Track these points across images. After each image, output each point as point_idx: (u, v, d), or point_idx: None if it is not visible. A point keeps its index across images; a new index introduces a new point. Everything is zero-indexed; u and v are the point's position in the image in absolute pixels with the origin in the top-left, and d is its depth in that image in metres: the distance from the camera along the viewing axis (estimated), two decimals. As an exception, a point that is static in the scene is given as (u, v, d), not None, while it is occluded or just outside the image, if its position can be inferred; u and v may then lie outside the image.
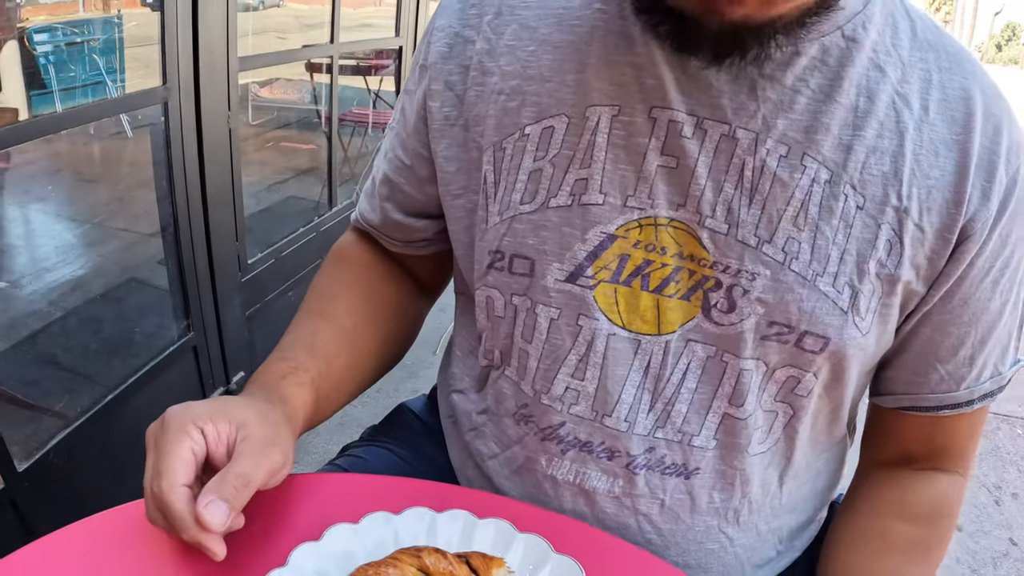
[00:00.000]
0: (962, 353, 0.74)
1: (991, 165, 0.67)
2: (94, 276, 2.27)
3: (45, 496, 1.42)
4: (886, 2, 0.70)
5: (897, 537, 0.79)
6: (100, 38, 2.12)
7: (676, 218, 0.68)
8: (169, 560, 0.62)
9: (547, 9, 0.74)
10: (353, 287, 0.88)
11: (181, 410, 0.63)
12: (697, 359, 0.71)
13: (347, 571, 0.57)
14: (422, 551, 0.58)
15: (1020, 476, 3.18)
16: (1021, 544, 2.71)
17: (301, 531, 0.63)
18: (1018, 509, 2.93)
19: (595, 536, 0.69)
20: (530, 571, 0.61)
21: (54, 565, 0.61)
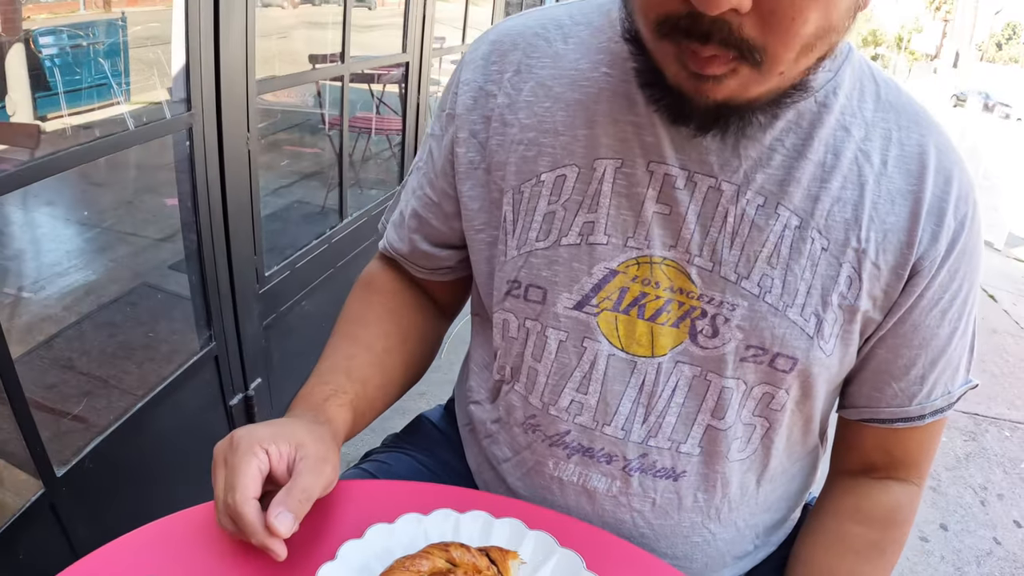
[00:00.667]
0: (913, 372, 0.84)
1: (941, 212, 0.78)
2: (121, 289, 2.34)
3: (82, 501, 1.49)
4: (855, 68, 0.81)
5: (854, 539, 0.89)
6: (104, 40, 2.15)
7: (668, 257, 0.80)
8: (230, 560, 0.71)
9: (561, 70, 0.84)
10: (383, 315, 0.97)
11: (247, 432, 0.71)
12: (685, 378, 0.82)
13: (386, 564, 0.68)
14: (449, 546, 0.69)
15: (1007, 477, 3.25)
16: (1005, 543, 2.78)
17: (345, 530, 0.74)
18: (1003, 510, 3.00)
19: (594, 533, 0.80)
20: (539, 562, 0.72)
21: (130, 563, 0.70)
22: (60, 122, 2.07)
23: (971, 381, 0.90)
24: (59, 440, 1.49)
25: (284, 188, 3.93)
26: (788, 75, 0.67)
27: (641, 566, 0.77)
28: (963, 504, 2.97)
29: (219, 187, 1.75)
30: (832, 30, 0.63)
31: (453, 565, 0.67)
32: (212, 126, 1.69)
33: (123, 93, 2.15)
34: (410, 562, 0.67)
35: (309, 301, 2.38)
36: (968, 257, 0.81)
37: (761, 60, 0.63)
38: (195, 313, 1.88)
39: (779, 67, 0.64)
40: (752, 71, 0.64)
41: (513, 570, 0.69)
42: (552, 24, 0.88)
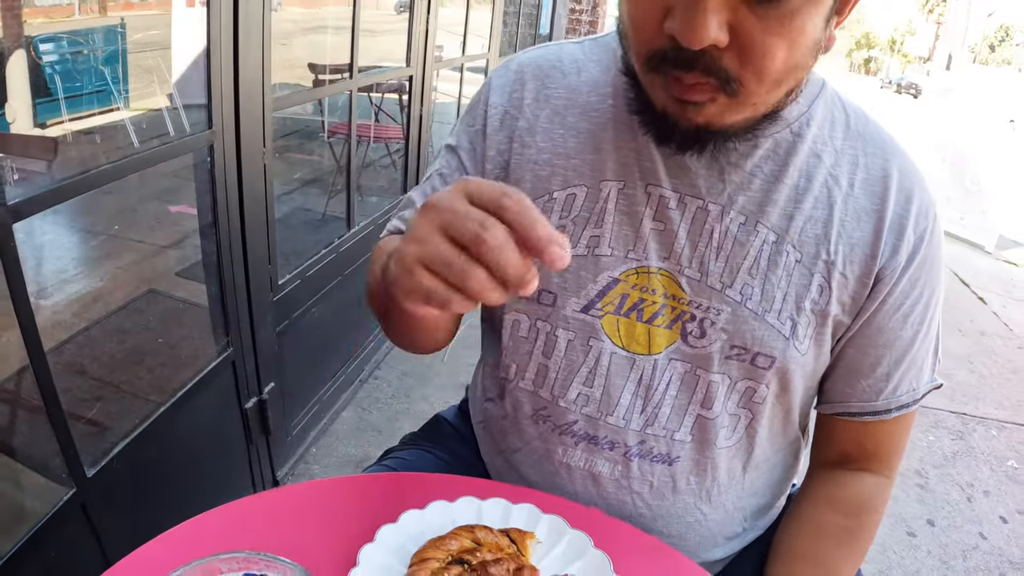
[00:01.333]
0: (880, 370, 0.95)
1: (901, 227, 0.89)
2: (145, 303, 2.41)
3: (111, 501, 1.56)
4: (827, 101, 0.93)
5: (828, 525, 0.98)
6: (104, 47, 2.19)
7: (663, 268, 0.91)
8: (279, 546, 0.79)
9: (573, 100, 0.96)
10: None
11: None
12: (677, 373, 0.93)
13: (419, 544, 0.78)
14: (475, 528, 0.79)
15: (992, 475, 3.33)
16: (991, 538, 2.86)
17: (379, 517, 0.82)
18: (989, 506, 3.07)
19: (599, 517, 0.90)
20: (553, 541, 0.82)
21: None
22: (60, 128, 2.11)
23: (935, 380, 1.00)
24: (87, 442, 1.54)
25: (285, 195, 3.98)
26: (760, 106, 0.78)
27: (642, 545, 0.87)
28: (950, 501, 3.05)
29: (237, 200, 1.83)
30: (796, 67, 0.73)
31: (478, 544, 0.77)
32: (232, 142, 1.77)
33: (123, 100, 2.20)
34: (440, 542, 0.76)
35: (319, 308, 2.45)
36: (928, 266, 0.92)
37: (736, 90, 0.73)
38: (212, 320, 1.96)
39: (752, 98, 0.75)
40: (729, 100, 0.74)
41: (531, 548, 0.79)
42: (568, 59, 0.99)
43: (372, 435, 2.66)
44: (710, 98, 0.74)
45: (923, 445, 3.45)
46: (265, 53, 1.83)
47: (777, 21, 0.68)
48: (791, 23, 0.68)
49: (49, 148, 2.13)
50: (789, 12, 0.68)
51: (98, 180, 1.41)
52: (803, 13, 0.68)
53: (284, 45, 3.86)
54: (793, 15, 0.68)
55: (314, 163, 4.38)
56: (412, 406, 2.82)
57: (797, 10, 0.68)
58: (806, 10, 0.68)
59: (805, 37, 0.70)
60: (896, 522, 2.84)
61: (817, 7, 0.69)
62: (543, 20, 6.64)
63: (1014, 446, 3.64)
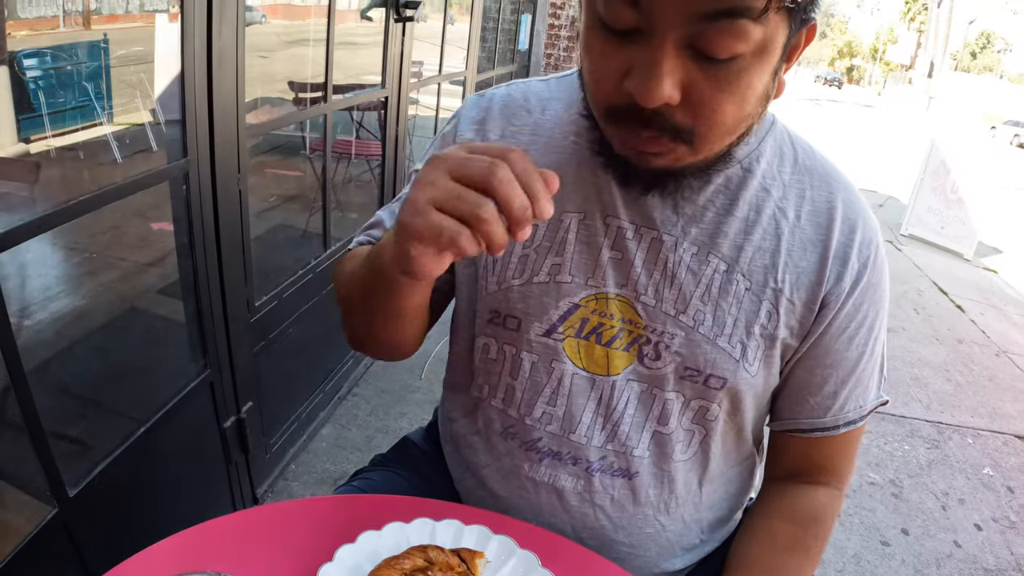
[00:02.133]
0: (827, 389, 1.00)
1: (845, 256, 0.95)
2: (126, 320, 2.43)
3: (93, 520, 1.58)
4: (776, 138, 0.99)
5: (780, 535, 1.03)
6: (87, 62, 2.14)
7: (620, 294, 0.96)
8: (243, 569, 0.83)
9: (538, 137, 1.01)
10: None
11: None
12: (635, 393, 0.98)
13: (375, 563, 0.82)
14: (427, 548, 0.83)
15: (968, 483, 3.36)
16: (965, 546, 2.89)
17: (340, 538, 0.86)
18: (964, 514, 3.11)
19: (548, 537, 0.94)
20: (502, 561, 0.86)
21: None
22: (44, 144, 2.06)
23: (881, 396, 1.05)
24: (69, 461, 1.55)
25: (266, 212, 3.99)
26: (714, 150, 0.83)
27: (589, 565, 0.91)
28: (924, 509, 3.09)
29: (213, 225, 1.86)
30: (747, 116, 0.79)
31: (430, 563, 0.81)
32: (207, 170, 1.80)
33: (106, 115, 2.18)
34: (395, 561, 0.80)
35: (295, 329, 2.48)
36: (872, 291, 0.97)
37: (692, 140, 0.79)
38: (191, 341, 1.99)
39: (707, 145, 0.80)
40: (685, 148, 0.80)
41: (480, 567, 0.83)
42: (534, 97, 1.05)
43: (351, 452, 2.68)
44: (668, 149, 0.80)
45: (898, 455, 3.49)
46: (240, 81, 1.87)
47: (726, 79, 0.73)
48: (739, 80, 0.74)
49: (31, 172, 2.15)
50: (737, 70, 0.73)
51: (78, 210, 1.43)
52: (751, 71, 0.74)
53: (266, 59, 3.86)
54: (741, 73, 0.73)
55: (296, 180, 4.38)
56: (390, 423, 2.84)
57: (745, 68, 0.73)
58: (754, 68, 0.74)
59: (752, 91, 0.76)
60: (870, 531, 2.87)
61: (764, 63, 0.74)
62: (522, 36, 6.69)
63: (990, 453, 3.68)
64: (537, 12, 6.91)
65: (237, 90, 1.86)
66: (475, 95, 1.09)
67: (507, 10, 6.39)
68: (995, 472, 3.53)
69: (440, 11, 4.08)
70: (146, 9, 2.06)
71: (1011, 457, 3.71)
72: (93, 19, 2.11)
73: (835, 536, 2.77)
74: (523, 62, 6.96)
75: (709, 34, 0.70)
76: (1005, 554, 2.91)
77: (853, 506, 3.02)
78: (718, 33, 0.70)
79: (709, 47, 0.71)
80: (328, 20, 2.47)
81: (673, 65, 0.72)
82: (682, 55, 0.72)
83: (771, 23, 0.71)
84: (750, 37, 0.70)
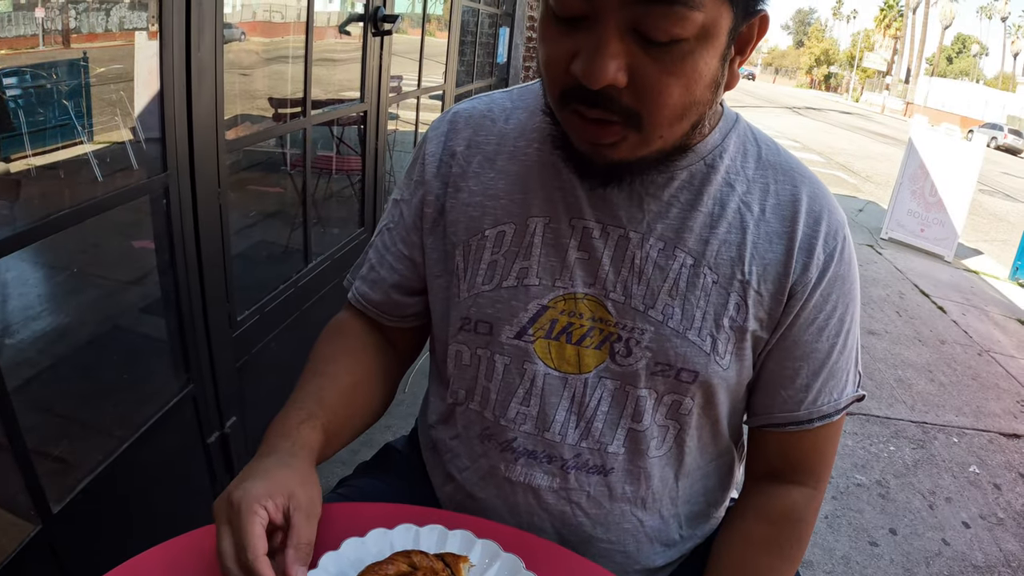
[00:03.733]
0: (798, 382, 1.01)
1: (811, 247, 0.96)
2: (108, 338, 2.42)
3: (78, 538, 1.56)
4: (740, 134, 1.01)
5: (756, 534, 1.03)
6: (67, 81, 2.16)
7: (589, 293, 0.97)
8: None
9: (502, 146, 1.04)
10: (349, 354, 1.11)
11: (244, 492, 0.81)
12: (608, 390, 0.99)
13: (359, 570, 0.81)
14: (411, 553, 0.83)
15: (954, 481, 3.39)
16: (953, 544, 2.91)
17: (325, 545, 0.86)
18: (951, 512, 3.13)
19: (532, 540, 0.95)
20: (486, 565, 0.86)
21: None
22: (24, 163, 2.08)
23: (858, 392, 1.06)
24: (52, 479, 1.54)
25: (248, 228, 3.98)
26: (668, 139, 0.85)
27: (573, 568, 0.91)
28: (912, 509, 3.11)
29: (193, 240, 1.86)
30: (695, 103, 0.82)
31: (414, 568, 0.81)
32: (187, 184, 1.80)
33: (86, 133, 2.19)
34: (379, 567, 0.80)
35: (277, 343, 2.48)
36: (840, 283, 0.99)
37: (641, 125, 0.81)
38: (173, 357, 1.97)
39: (657, 131, 0.83)
40: (637, 135, 0.82)
41: (464, 572, 0.83)
42: (498, 108, 1.08)
43: (335, 465, 2.63)
44: (621, 137, 0.83)
45: (884, 456, 3.51)
46: (219, 97, 1.87)
47: (671, 63, 0.77)
48: (683, 64, 0.77)
49: (11, 190, 2.14)
50: (682, 54, 0.76)
51: (57, 225, 1.43)
52: (696, 55, 0.77)
53: (247, 76, 3.86)
54: (685, 56, 0.76)
55: (277, 196, 4.37)
56: (375, 435, 2.81)
57: (690, 52, 0.76)
58: (699, 52, 0.77)
59: (699, 75, 0.79)
60: (858, 533, 2.89)
61: (710, 49, 0.77)
62: (500, 49, 6.72)
63: (975, 452, 3.72)
64: (515, 25, 6.95)
65: (216, 106, 1.87)
66: (442, 113, 1.13)
67: (485, 24, 6.42)
68: (981, 470, 3.56)
69: (418, 25, 4.09)
70: (125, 27, 2.06)
71: (996, 454, 3.74)
72: (73, 38, 2.10)
73: (823, 538, 2.78)
74: (502, 75, 6.99)
75: (649, 19, 0.74)
76: (994, 551, 2.93)
77: (840, 508, 3.03)
78: (657, 17, 0.73)
79: (650, 31, 0.74)
80: (306, 36, 2.48)
81: (618, 48, 0.76)
82: (627, 39, 0.76)
83: (708, 9, 0.74)
84: (689, 22, 0.74)
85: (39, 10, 1.94)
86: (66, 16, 2.02)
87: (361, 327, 1.16)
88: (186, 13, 1.69)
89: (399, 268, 1.11)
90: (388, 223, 1.13)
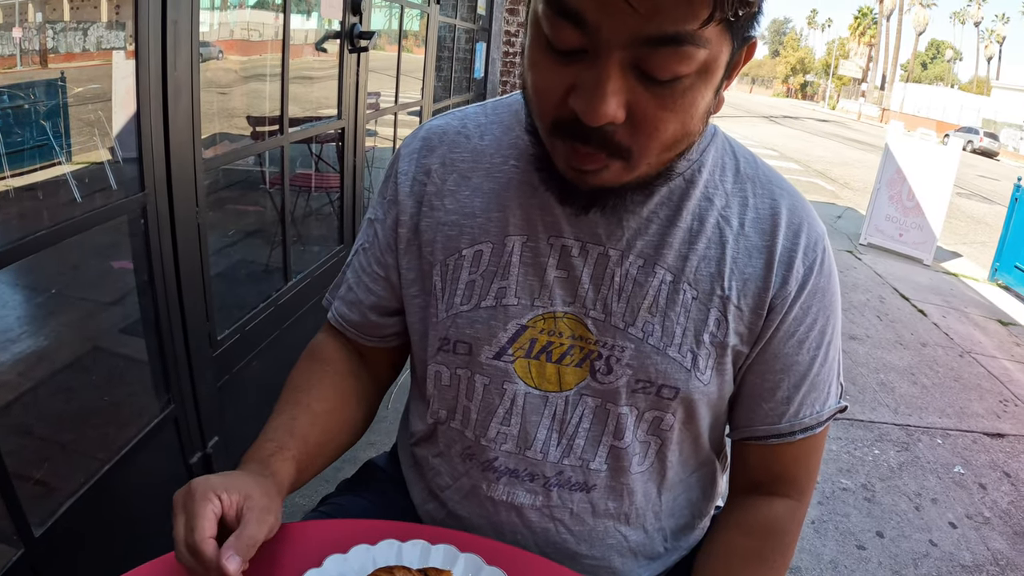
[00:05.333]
0: (779, 394, 1.01)
1: (790, 260, 0.96)
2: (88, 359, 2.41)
3: (61, 560, 1.55)
4: (718, 148, 1.00)
5: (738, 547, 1.03)
6: (45, 101, 2.14)
7: (569, 312, 0.97)
8: None
9: (478, 163, 1.03)
10: (324, 380, 1.09)
11: (203, 481, 0.81)
12: (589, 408, 0.98)
13: (342, 587, 0.81)
14: (394, 569, 0.82)
15: (939, 482, 3.40)
16: (941, 545, 2.92)
17: (307, 562, 0.85)
18: (938, 513, 3.15)
19: (515, 553, 0.94)
20: (469, 579, 0.86)
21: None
22: (2, 184, 2.05)
23: (841, 403, 1.06)
24: (34, 502, 1.54)
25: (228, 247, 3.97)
26: (654, 166, 0.84)
27: (557, 578, 0.91)
28: (898, 511, 3.12)
29: (172, 260, 1.85)
30: (688, 134, 0.81)
31: (397, 584, 0.81)
32: (164, 204, 1.79)
33: (64, 154, 2.18)
34: (361, 583, 0.80)
35: (259, 362, 2.47)
36: (820, 296, 0.99)
37: (629, 157, 0.80)
38: (154, 378, 1.96)
39: (645, 161, 0.82)
40: (622, 164, 0.81)
41: (448, 585, 0.83)
42: (472, 124, 1.07)
43: (319, 483, 2.59)
44: (605, 166, 0.81)
45: (869, 459, 3.52)
46: (196, 115, 1.86)
47: (671, 98, 0.75)
48: (683, 99, 0.76)
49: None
50: (682, 90, 0.75)
51: (35, 246, 1.42)
52: (694, 90, 0.76)
53: (224, 95, 3.85)
54: (685, 92, 0.75)
55: (256, 214, 4.35)
56: (358, 453, 2.79)
57: (690, 87, 0.75)
58: (697, 87, 0.76)
59: (695, 109, 0.78)
60: (845, 537, 2.89)
61: (708, 83, 0.76)
62: (477, 64, 6.73)
63: (960, 452, 3.74)
64: (492, 40, 6.96)
65: (193, 124, 1.86)
66: (414, 130, 1.12)
67: (462, 39, 6.44)
68: (966, 470, 3.58)
69: (395, 41, 4.09)
70: (103, 47, 2.06)
71: (981, 454, 3.76)
72: (50, 58, 2.10)
73: (810, 543, 2.78)
74: (479, 90, 7.00)
75: (654, 58, 0.72)
76: (981, 550, 2.94)
77: (827, 512, 3.04)
78: (663, 57, 0.72)
79: (653, 70, 0.73)
80: (283, 53, 2.48)
81: (618, 85, 0.73)
82: (627, 75, 0.74)
83: (714, 45, 0.73)
84: (694, 60, 0.72)
85: (16, 30, 1.94)
86: (44, 36, 2.01)
87: (337, 351, 1.15)
88: (162, 32, 1.69)
89: (375, 289, 1.10)
90: (363, 243, 1.12)
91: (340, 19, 2.88)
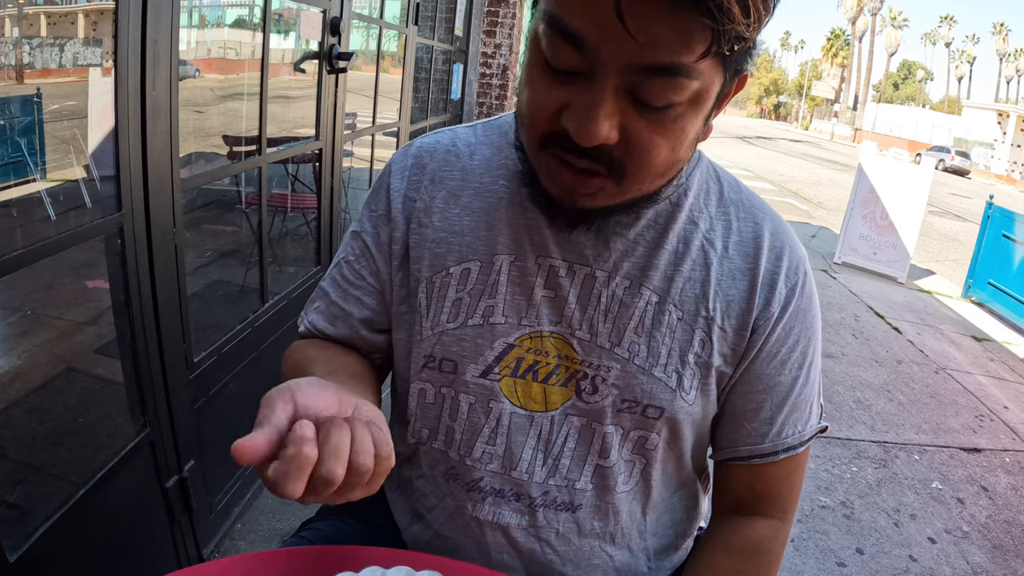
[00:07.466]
0: (762, 415, 1.01)
1: (773, 282, 0.97)
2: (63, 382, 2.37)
3: None
4: (703, 173, 1.02)
5: (722, 568, 1.03)
6: (20, 117, 2.10)
7: (555, 331, 0.97)
8: None
9: (468, 182, 1.03)
10: (324, 353, 1.05)
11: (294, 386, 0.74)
12: (574, 427, 0.99)
13: (325, 614, 0.80)
14: (378, 596, 0.81)
15: (918, 498, 3.43)
16: (920, 560, 2.94)
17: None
18: (917, 528, 3.16)
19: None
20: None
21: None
22: None
23: (823, 424, 1.07)
24: (9, 526, 1.53)
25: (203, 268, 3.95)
26: (644, 191, 0.86)
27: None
28: (877, 528, 3.14)
29: (149, 281, 1.83)
30: (678, 160, 0.83)
31: (381, 611, 0.79)
32: (141, 224, 1.77)
33: (39, 171, 2.14)
34: (345, 611, 0.78)
35: (236, 384, 2.44)
36: (802, 317, 1.00)
37: (622, 177, 0.81)
38: (129, 400, 1.93)
39: (637, 185, 0.83)
40: (614, 186, 0.82)
41: (433, 612, 0.82)
42: (462, 143, 1.07)
43: (298, 508, 2.61)
44: (599, 188, 0.83)
45: (847, 477, 3.54)
46: (174, 135, 1.85)
47: (661, 124, 0.77)
48: (674, 125, 0.78)
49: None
50: (674, 116, 0.77)
51: (9, 266, 1.40)
52: (685, 117, 0.78)
53: (201, 113, 3.85)
54: (676, 119, 0.77)
55: (233, 234, 4.34)
56: (340, 474, 2.78)
57: (682, 115, 0.77)
58: (689, 115, 0.78)
59: (686, 136, 0.80)
60: (825, 554, 2.90)
61: (699, 111, 0.78)
62: (454, 86, 6.74)
63: (937, 468, 3.77)
64: (469, 62, 6.98)
65: (171, 144, 1.85)
66: (403, 148, 1.11)
67: (439, 60, 6.45)
68: (944, 485, 3.60)
69: (373, 62, 4.09)
70: (80, 63, 2.05)
71: (958, 469, 3.79)
72: (26, 73, 2.08)
73: (791, 561, 2.79)
74: (456, 112, 7.00)
75: (648, 85, 0.73)
76: (961, 564, 2.96)
77: (806, 530, 3.04)
78: (656, 85, 0.73)
79: (647, 96, 0.74)
80: (262, 73, 2.47)
81: (611, 108, 0.75)
82: (621, 99, 0.75)
83: (707, 76, 0.75)
84: (687, 90, 0.74)
85: (-8, 45, 1.92)
86: (20, 51, 2.00)
87: (326, 341, 1.11)
88: (141, 50, 1.68)
89: (369, 303, 1.08)
90: (348, 256, 1.09)
91: (319, 39, 2.88)
